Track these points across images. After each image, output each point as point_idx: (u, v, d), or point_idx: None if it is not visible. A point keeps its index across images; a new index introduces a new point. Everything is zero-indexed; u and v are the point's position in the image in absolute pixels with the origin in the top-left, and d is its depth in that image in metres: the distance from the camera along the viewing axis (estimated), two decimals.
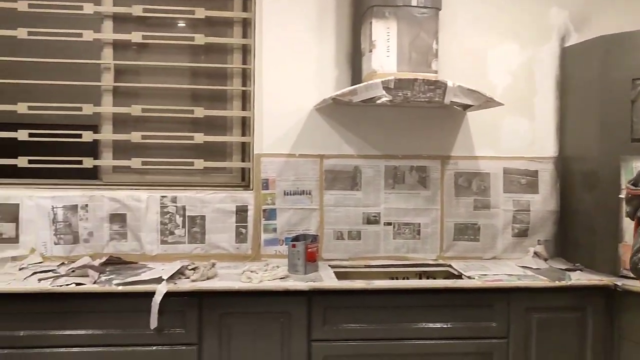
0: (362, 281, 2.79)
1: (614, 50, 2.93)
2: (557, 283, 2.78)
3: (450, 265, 3.17)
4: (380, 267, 3.18)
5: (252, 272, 2.80)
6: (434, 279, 3.09)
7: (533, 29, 3.34)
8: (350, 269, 3.13)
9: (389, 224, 3.29)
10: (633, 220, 2.27)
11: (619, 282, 2.76)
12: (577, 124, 3.23)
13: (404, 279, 3.13)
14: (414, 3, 2.95)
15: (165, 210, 3.13)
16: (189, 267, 2.78)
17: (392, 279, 3.12)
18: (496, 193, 3.33)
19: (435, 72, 2.98)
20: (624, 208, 2.40)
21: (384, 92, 2.75)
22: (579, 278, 2.86)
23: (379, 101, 2.78)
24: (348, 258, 3.25)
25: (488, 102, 2.91)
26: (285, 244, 3.14)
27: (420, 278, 3.15)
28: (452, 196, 3.31)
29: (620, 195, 2.84)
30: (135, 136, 3.18)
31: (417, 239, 3.30)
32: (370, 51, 2.97)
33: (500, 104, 2.91)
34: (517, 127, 3.34)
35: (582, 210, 3.16)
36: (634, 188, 2.26)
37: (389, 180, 3.28)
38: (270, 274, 2.79)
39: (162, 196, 3.13)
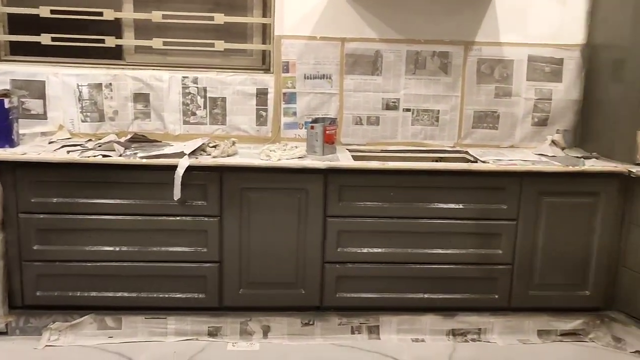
0: (377, 162, 2.86)
1: None
2: (570, 168, 2.81)
3: (467, 152, 3.20)
4: (397, 152, 3.23)
5: (271, 150, 2.88)
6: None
7: None
8: (368, 153, 3.19)
9: (408, 110, 3.29)
10: None
11: (634, 169, 2.78)
12: (609, 10, 3.09)
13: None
14: None
15: (186, 91, 3.18)
16: (210, 145, 2.87)
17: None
18: (519, 81, 3.28)
19: None
20: None
21: None
22: (594, 165, 2.88)
23: None
24: (366, 143, 3.30)
25: None
26: (305, 128, 3.19)
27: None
28: (474, 83, 3.28)
29: None
30: (156, 15, 3.17)
31: (435, 125, 3.31)
32: None
33: None
34: (545, 12, 3.22)
35: (605, 100, 3.11)
36: None
37: (410, 65, 3.25)
38: (288, 153, 2.87)
39: (184, 77, 3.17)
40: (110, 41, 3.18)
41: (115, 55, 3.27)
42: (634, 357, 2.81)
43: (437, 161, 3.18)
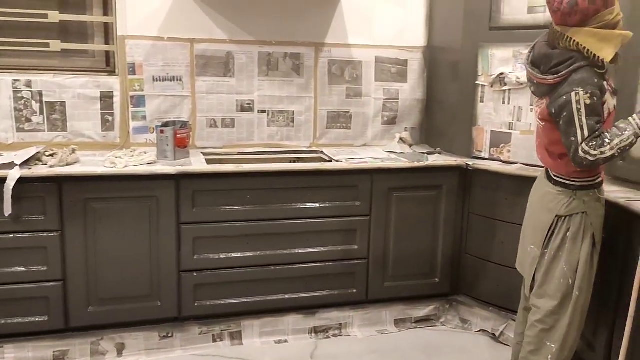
0: (231, 165, 2.81)
1: None
2: (415, 164, 2.97)
3: (322, 152, 3.26)
4: (254, 154, 3.21)
5: (117, 157, 2.72)
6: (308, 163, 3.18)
7: None
8: (224, 156, 3.14)
9: (263, 111, 3.29)
10: (539, 97, 2.15)
11: (470, 162, 3.01)
12: (444, 14, 3.32)
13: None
14: None
15: (19, 95, 2.89)
16: (47, 153, 2.64)
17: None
18: (368, 82, 3.41)
19: None
20: (529, 86, 2.24)
21: None
22: (436, 159, 3.07)
23: None
24: (222, 146, 3.24)
25: None
26: (156, 132, 3.04)
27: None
28: (326, 84, 3.35)
29: (477, 82, 3.03)
30: None
31: (291, 126, 3.34)
32: None
33: None
34: (389, 16, 3.38)
35: (445, 99, 3.34)
36: (539, 75, 2.09)
37: (263, 67, 3.24)
38: (136, 159, 2.73)
39: (15, 80, 2.88)
40: None
41: None
42: (478, 336, 3.04)
43: (293, 162, 3.21)
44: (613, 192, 2.36)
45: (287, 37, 3.25)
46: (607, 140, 1.96)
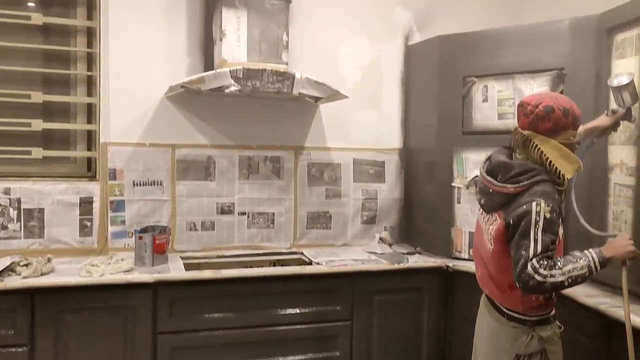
0: (210, 271, 2.78)
1: (449, 49, 3.17)
2: (396, 266, 2.97)
3: (302, 253, 3.25)
4: (234, 257, 3.18)
5: (93, 265, 2.67)
6: (287, 266, 3.15)
7: (381, 26, 3.51)
8: (203, 260, 3.11)
9: (244, 213, 3.30)
10: (489, 212, 2.03)
11: (451, 263, 3.01)
12: (418, 117, 3.46)
13: (257, 267, 3.16)
14: None
15: None
16: (21, 263, 2.58)
17: (247, 268, 3.13)
18: (347, 182, 3.47)
19: (286, 63, 3.03)
20: (479, 199, 2.10)
21: (232, 81, 2.75)
22: (417, 260, 3.08)
23: (227, 90, 2.77)
24: (201, 249, 3.21)
25: (336, 95, 3.02)
26: (135, 236, 3.02)
27: (274, 266, 3.20)
28: (305, 186, 3.40)
29: (453, 184, 3.10)
30: None
31: (271, 228, 3.34)
32: (221, 40, 2.94)
33: (345, 97, 3.03)
34: (366, 120, 3.50)
35: (423, 198, 3.40)
36: (497, 183, 1.98)
37: (244, 170, 3.29)
38: (113, 267, 2.68)
39: None
40: None
41: None
42: None
43: (274, 265, 3.18)
44: (592, 296, 2.35)
45: (267, 141, 3.33)
46: (559, 263, 1.82)
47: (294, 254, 3.28)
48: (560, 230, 1.92)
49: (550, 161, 1.92)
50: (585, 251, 1.88)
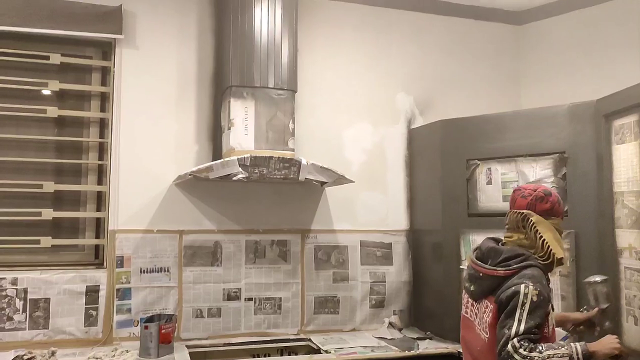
0: None
1: (451, 133, 3.25)
2: (406, 353, 2.90)
3: (310, 340, 3.19)
4: (241, 344, 3.12)
5: (97, 359, 2.62)
6: (295, 354, 3.09)
7: (384, 111, 3.62)
8: (209, 348, 3.05)
9: (250, 299, 3.27)
10: (476, 300, 2.06)
11: None
12: (423, 199, 3.49)
13: (265, 355, 3.09)
14: (270, 85, 3.09)
15: (3, 293, 2.87)
16: (24, 357, 2.54)
17: (254, 356, 3.08)
18: (354, 265, 3.45)
19: (292, 150, 3.10)
20: (468, 286, 2.11)
21: (240, 169, 2.80)
22: (427, 347, 3.00)
23: (235, 178, 2.82)
24: (207, 337, 3.16)
25: (342, 179, 3.06)
26: (140, 325, 2.98)
27: (281, 354, 3.13)
28: (312, 269, 3.38)
29: (461, 266, 3.08)
30: None
31: (278, 313, 3.30)
32: (229, 129, 3.03)
33: (351, 182, 3.07)
34: (372, 202, 3.53)
35: (431, 280, 3.36)
36: (488, 267, 2.02)
37: (250, 254, 3.29)
38: None
39: (1, 278, 2.88)
40: None
41: None
42: None
43: (281, 352, 3.12)
44: None
45: (274, 225, 3.35)
46: (540, 347, 1.83)
47: (301, 340, 3.22)
48: (551, 319, 1.95)
49: (545, 240, 2.01)
50: (571, 343, 1.90)
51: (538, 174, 2.87)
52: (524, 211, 2.05)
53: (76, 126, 3.21)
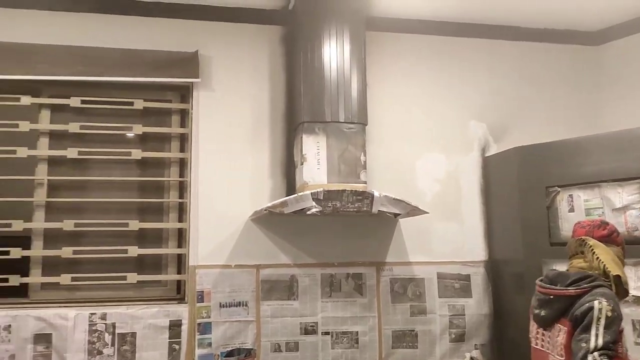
0: None
1: (529, 159, 3.15)
2: None
3: None
4: None
5: None
6: None
7: (456, 140, 3.57)
8: None
9: (327, 333, 3.26)
10: (547, 327, 2.11)
11: None
12: (502, 228, 3.38)
13: None
14: (341, 119, 3.13)
15: (93, 328, 3.02)
16: None
17: None
18: (432, 298, 3.38)
19: (365, 182, 3.11)
20: (538, 312, 2.15)
21: (313, 203, 2.83)
22: None
23: (309, 212, 2.85)
24: None
25: (415, 210, 3.03)
26: None
27: None
28: (389, 303, 3.34)
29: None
30: (66, 251, 3.13)
31: (355, 347, 3.26)
32: (302, 164, 3.09)
33: (425, 212, 3.03)
34: (447, 232, 3.46)
35: (513, 312, 3.23)
36: (559, 288, 2.08)
37: (326, 288, 3.30)
38: None
39: (91, 313, 3.03)
40: (14, 280, 3.05)
41: (20, 292, 3.12)
42: None
43: None
44: None
45: (348, 258, 3.35)
46: None
47: None
48: (624, 340, 1.96)
49: (601, 260, 2.07)
50: None
51: (625, 199, 2.73)
52: (582, 237, 2.17)
53: (158, 166, 3.37)
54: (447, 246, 3.45)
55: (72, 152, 3.22)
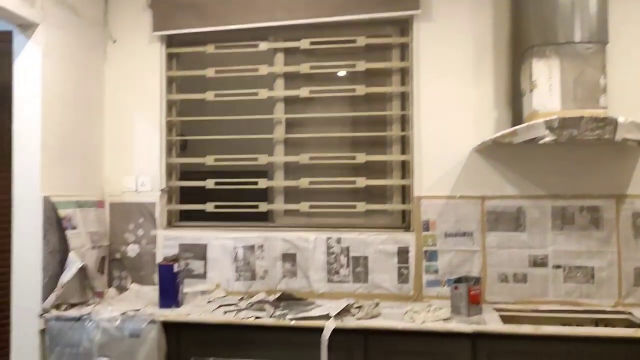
0: (529, 326, 2.70)
1: None
2: None
3: (630, 313, 2.92)
4: (550, 312, 3.03)
5: (415, 312, 2.86)
6: (613, 327, 2.86)
7: None
8: (517, 313, 3.03)
9: (558, 266, 3.14)
10: None
11: None
12: None
13: (577, 325, 2.94)
14: (577, 39, 2.87)
15: (331, 250, 3.33)
16: (355, 306, 2.92)
17: (564, 325, 2.95)
18: None
19: (605, 107, 2.84)
20: None
21: (547, 132, 2.69)
22: None
23: (541, 141, 2.71)
24: (514, 301, 3.15)
25: None
26: (447, 286, 3.15)
27: (596, 326, 2.94)
28: (630, 238, 3.07)
29: None
30: (304, 182, 3.47)
31: (590, 283, 3.10)
32: (531, 91, 2.93)
33: None
34: None
35: None
36: None
37: (557, 221, 3.15)
38: (432, 315, 2.82)
39: (328, 237, 3.35)
40: (263, 206, 3.51)
41: (266, 218, 3.58)
42: None
43: (595, 324, 2.93)
44: None
45: (582, 190, 3.14)
46: None
47: (619, 313, 2.97)
48: None
49: None
50: None
51: None
52: None
53: (380, 101, 3.50)
54: None
55: (304, 92, 3.50)
